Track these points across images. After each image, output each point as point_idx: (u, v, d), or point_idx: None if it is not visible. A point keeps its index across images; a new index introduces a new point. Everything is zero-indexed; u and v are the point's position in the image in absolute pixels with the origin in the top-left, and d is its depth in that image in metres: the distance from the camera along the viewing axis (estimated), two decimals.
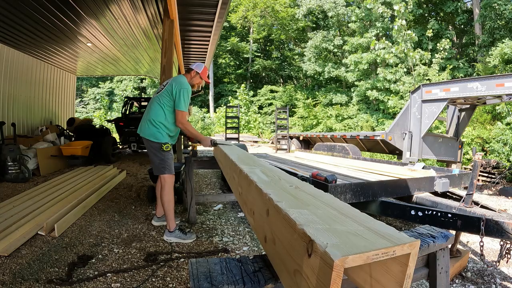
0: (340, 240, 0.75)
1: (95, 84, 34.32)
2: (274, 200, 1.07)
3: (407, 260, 0.78)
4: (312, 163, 5.91)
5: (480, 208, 2.96)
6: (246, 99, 27.58)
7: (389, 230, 0.84)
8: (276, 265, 1.06)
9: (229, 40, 31.43)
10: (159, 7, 6.65)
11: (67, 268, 2.90)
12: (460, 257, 3.17)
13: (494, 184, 8.18)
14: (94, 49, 9.90)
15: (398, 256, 0.77)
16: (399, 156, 8.09)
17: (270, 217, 1.11)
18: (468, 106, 7.91)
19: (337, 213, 0.99)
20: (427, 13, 21.16)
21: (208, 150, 12.93)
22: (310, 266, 0.76)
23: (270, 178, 1.50)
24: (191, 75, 3.81)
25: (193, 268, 1.23)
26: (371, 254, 0.71)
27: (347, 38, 22.68)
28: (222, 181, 7.32)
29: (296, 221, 0.87)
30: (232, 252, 3.45)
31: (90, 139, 9.21)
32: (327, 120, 22.15)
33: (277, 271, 1.05)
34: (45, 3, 6.13)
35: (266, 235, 1.15)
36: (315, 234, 0.77)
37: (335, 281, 0.66)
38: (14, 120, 9.12)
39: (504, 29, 16.77)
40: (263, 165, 1.96)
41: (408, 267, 0.78)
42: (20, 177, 6.63)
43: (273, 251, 1.06)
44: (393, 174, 4.29)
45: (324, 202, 1.11)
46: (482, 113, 13.08)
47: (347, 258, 0.67)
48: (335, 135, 10.37)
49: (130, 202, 5.33)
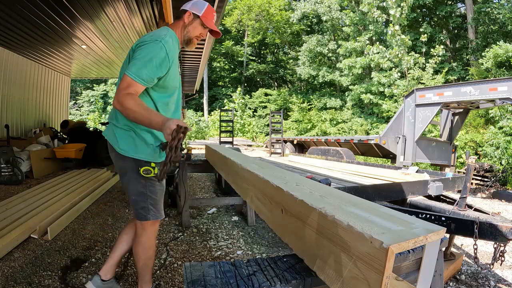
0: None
1: (89, 86, 34.18)
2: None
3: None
4: (306, 167, 5.93)
5: (473, 211, 2.98)
6: (241, 103, 27.60)
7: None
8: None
9: (224, 43, 31.48)
10: (154, 10, 6.64)
11: (60, 271, 2.87)
12: (454, 260, 3.18)
13: (487, 188, 8.24)
14: (89, 51, 9.86)
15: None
16: (393, 160, 8.14)
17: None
18: (461, 110, 7.99)
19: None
20: (421, 17, 21.34)
21: (202, 153, 12.88)
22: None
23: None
24: (184, 22, 2.18)
25: (187, 272, 1.22)
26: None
27: (341, 42, 22.80)
28: (216, 185, 7.30)
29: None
30: (226, 256, 3.44)
31: (83, 141, 9.15)
32: (321, 124, 22.20)
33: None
34: (40, 4, 6.10)
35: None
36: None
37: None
38: (8, 122, 9.05)
39: (497, 33, 16.94)
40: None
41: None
42: (13, 180, 6.57)
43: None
44: (387, 178, 4.31)
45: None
46: (476, 117, 13.19)
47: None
48: (329, 139, 10.41)
49: (124, 205, 5.29)
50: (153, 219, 2.17)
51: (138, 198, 2.11)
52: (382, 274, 0.78)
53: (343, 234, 0.93)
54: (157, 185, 2.16)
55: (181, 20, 2.18)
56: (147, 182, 2.10)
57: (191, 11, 2.16)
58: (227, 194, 5.75)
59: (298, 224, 1.22)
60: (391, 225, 0.92)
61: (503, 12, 16.01)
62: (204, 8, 2.18)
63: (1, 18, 6.65)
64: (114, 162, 2.17)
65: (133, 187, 2.11)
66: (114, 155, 2.13)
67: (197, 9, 2.16)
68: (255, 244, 3.81)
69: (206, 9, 2.18)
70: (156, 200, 2.16)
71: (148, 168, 2.06)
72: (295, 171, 4.88)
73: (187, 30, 2.18)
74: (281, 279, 1.17)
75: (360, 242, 0.86)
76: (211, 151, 3.80)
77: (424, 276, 0.96)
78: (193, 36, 2.20)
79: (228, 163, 2.52)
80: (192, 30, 2.18)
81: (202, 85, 29.17)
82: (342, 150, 8.61)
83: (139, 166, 2.05)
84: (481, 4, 17.71)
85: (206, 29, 2.23)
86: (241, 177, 2.12)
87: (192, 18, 2.17)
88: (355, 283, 0.88)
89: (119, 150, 2.06)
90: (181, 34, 2.18)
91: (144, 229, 2.20)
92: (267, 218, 1.59)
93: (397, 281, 1.21)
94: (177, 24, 2.19)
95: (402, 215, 1.04)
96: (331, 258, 0.99)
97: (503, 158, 9.84)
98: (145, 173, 2.05)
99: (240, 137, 24.11)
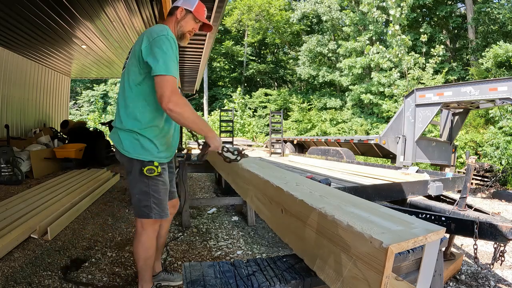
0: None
1: (89, 86, 34.18)
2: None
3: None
4: (306, 167, 5.92)
5: (473, 211, 2.98)
6: (241, 103, 27.59)
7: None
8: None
9: (224, 43, 31.46)
10: (154, 10, 6.64)
11: (60, 271, 2.87)
12: (454, 260, 3.18)
13: (487, 188, 8.24)
14: (89, 51, 9.86)
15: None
16: (393, 160, 8.13)
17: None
18: (461, 110, 7.98)
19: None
20: (421, 17, 21.33)
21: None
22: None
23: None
24: (177, 17, 2.23)
25: (186, 272, 1.22)
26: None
27: (341, 42, 22.78)
28: (216, 185, 7.31)
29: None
30: (226, 256, 3.44)
31: (83, 141, 9.16)
32: (321, 124, 22.18)
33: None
34: (40, 4, 6.10)
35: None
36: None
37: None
38: (8, 122, 9.05)
39: (497, 33, 16.94)
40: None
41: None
42: (13, 180, 6.57)
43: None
44: (387, 178, 4.31)
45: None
46: (476, 117, 13.19)
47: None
48: (329, 139, 10.40)
49: (124, 205, 5.29)
50: (156, 218, 2.18)
51: (141, 197, 2.14)
52: (382, 274, 0.78)
53: (343, 234, 0.93)
54: (160, 184, 2.17)
55: (173, 16, 2.24)
56: (150, 181, 2.12)
57: (183, 7, 2.23)
58: (227, 194, 5.75)
59: (298, 224, 1.22)
60: (391, 225, 0.92)
61: (503, 12, 16.01)
62: (196, 3, 2.26)
63: (1, 18, 6.65)
64: (121, 163, 2.23)
65: (137, 186, 2.14)
66: (120, 157, 2.18)
67: (189, 4, 2.24)
68: (255, 244, 3.81)
69: (198, 4, 2.27)
70: (159, 199, 2.17)
71: (152, 167, 2.09)
72: (295, 171, 4.88)
73: (180, 25, 2.25)
74: (281, 279, 1.17)
75: (360, 242, 0.86)
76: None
77: (424, 275, 0.96)
78: (186, 30, 2.27)
79: (227, 164, 2.52)
80: (185, 25, 2.25)
81: (202, 85, 29.13)
82: (342, 150, 8.61)
83: (143, 166, 2.09)
84: (481, 4, 17.70)
85: (198, 24, 2.31)
86: (241, 177, 2.12)
87: (185, 14, 2.24)
88: (355, 282, 0.88)
89: (124, 151, 2.10)
90: (174, 29, 2.24)
91: (144, 228, 2.21)
92: (267, 218, 1.59)
93: (397, 281, 1.22)
94: (170, 20, 2.25)
95: (402, 215, 1.04)
96: (331, 258, 0.99)
97: (503, 158, 9.84)
98: (149, 173, 2.08)
99: (240, 137, 24.08)
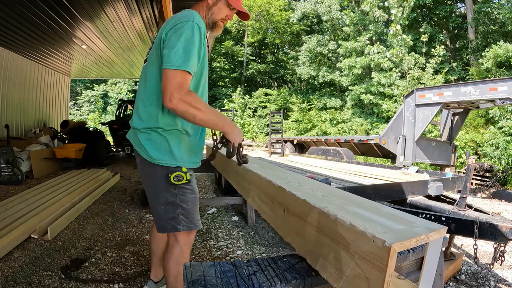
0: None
1: (89, 86, 34.16)
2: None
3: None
4: (306, 167, 5.92)
5: (473, 211, 2.98)
6: (241, 103, 27.58)
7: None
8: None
9: (224, 43, 31.44)
10: (154, 10, 6.65)
11: (60, 271, 2.87)
12: (454, 260, 3.18)
13: (487, 188, 8.25)
14: (89, 51, 9.87)
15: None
16: (393, 160, 8.13)
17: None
18: (461, 110, 7.98)
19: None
20: (421, 17, 21.34)
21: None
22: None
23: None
24: (208, 3, 1.88)
25: (187, 272, 1.22)
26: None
27: (341, 42, 22.77)
28: (216, 185, 7.30)
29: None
30: (226, 256, 3.44)
31: (83, 141, 9.16)
32: (321, 124, 22.16)
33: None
34: (40, 4, 6.10)
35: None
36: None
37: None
38: (8, 122, 9.06)
39: (497, 33, 16.94)
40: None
41: None
42: (13, 180, 6.57)
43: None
44: (387, 178, 4.31)
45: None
46: (476, 117, 13.19)
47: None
48: (329, 139, 10.40)
49: (124, 205, 5.29)
50: (185, 230, 1.86)
51: (167, 208, 1.82)
52: (385, 273, 0.78)
53: (346, 233, 0.93)
54: (188, 193, 1.86)
55: (204, 1, 1.89)
56: (178, 191, 1.81)
57: None
58: (227, 194, 5.74)
59: (300, 224, 1.22)
60: (393, 224, 0.92)
61: (503, 12, 16.00)
62: None
63: (1, 18, 6.66)
64: (140, 167, 1.92)
65: (161, 195, 1.82)
66: (140, 161, 1.87)
67: None
68: (255, 244, 3.81)
69: None
70: (188, 210, 1.85)
71: (180, 173, 1.77)
72: (295, 171, 4.88)
73: (212, 11, 1.88)
74: (281, 279, 1.16)
75: (362, 241, 0.86)
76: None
77: (426, 274, 0.96)
78: (219, 18, 1.90)
79: (229, 163, 2.52)
80: (217, 11, 1.88)
81: None
82: (342, 150, 8.60)
83: (169, 173, 1.76)
84: (481, 4, 17.68)
85: (233, 11, 1.92)
86: (242, 177, 2.12)
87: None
88: (358, 281, 0.88)
89: (145, 156, 1.79)
90: (205, 16, 1.90)
91: (177, 240, 1.90)
92: (269, 217, 1.59)
93: (399, 280, 1.22)
94: (200, 5, 1.91)
95: (404, 214, 1.04)
96: (334, 257, 0.99)
97: (503, 158, 9.84)
98: (176, 180, 1.76)
99: None
